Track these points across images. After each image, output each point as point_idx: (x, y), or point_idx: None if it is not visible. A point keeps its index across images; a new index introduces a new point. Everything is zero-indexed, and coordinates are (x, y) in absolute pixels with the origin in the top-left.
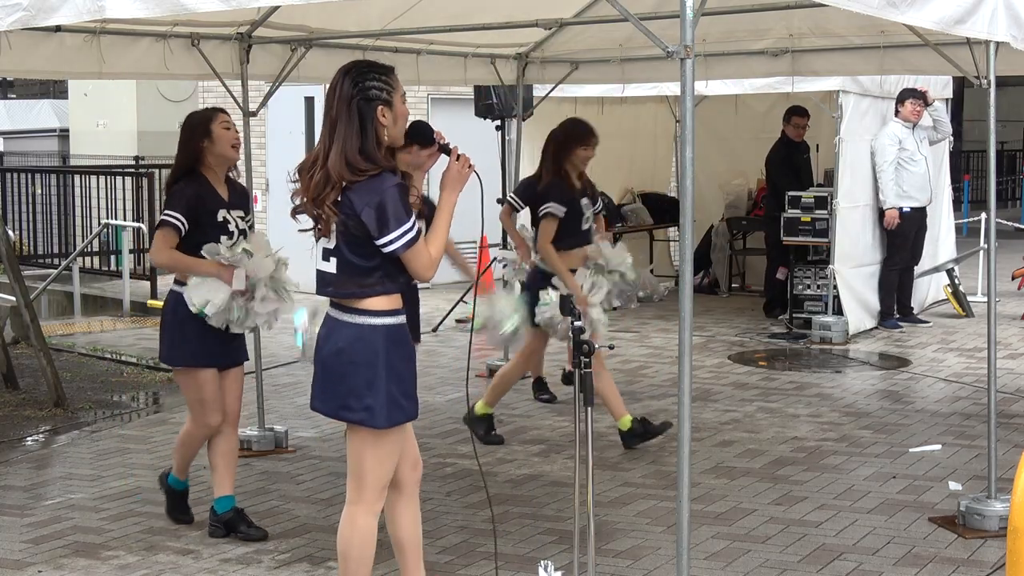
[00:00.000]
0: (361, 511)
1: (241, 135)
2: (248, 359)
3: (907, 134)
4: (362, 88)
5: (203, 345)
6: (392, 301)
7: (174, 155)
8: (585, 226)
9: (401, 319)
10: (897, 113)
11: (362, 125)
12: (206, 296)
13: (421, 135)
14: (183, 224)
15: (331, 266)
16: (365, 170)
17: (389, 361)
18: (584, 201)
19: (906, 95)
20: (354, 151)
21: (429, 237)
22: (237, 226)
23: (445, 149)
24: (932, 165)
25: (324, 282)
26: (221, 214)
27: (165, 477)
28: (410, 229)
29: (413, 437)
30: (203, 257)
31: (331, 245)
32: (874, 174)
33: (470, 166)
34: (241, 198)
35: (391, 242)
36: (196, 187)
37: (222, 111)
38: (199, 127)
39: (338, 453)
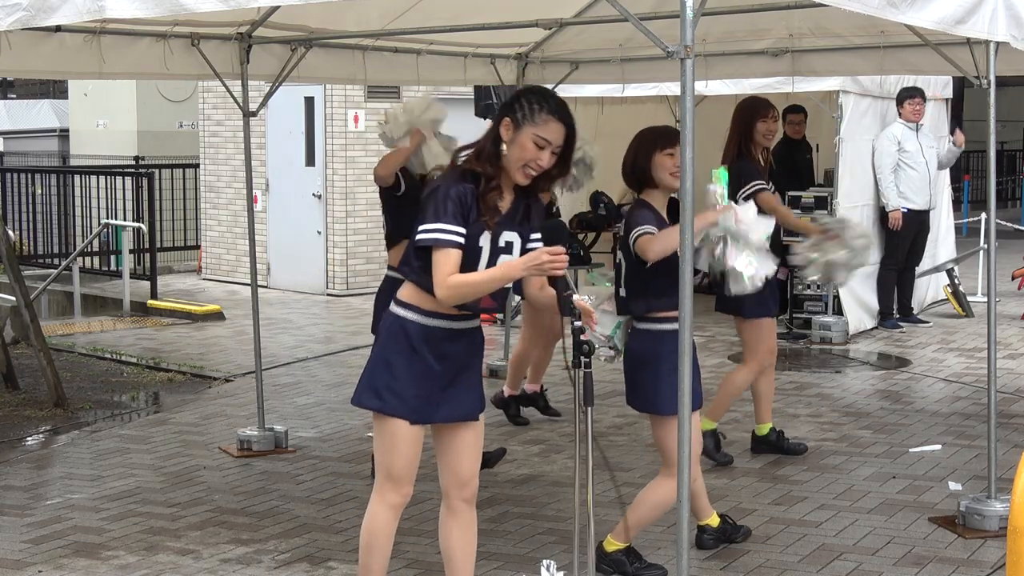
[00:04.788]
0: (375, 499)
1: (242, 135)
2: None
3: (909, 135)
4: (510, 101)
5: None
6: (421, 297)
7: (174, 155)
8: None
9: (424, 319)
10: (899, 114)
11: (491, 132)
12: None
13: (550, 235)
14: None
15: None
16: (456, 164)
17: (384, 349)
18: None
19: (903, 96)
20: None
21: (466, 275)
22: None
23: (566, 295)
24: (934, 168)
25: None
26: None
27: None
28: (433, 230)
29: (464, 456)
30: None
31: None
32: (874, 174)
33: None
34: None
35: (417, 232)
36: None
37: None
38: None
39: (338, 453)
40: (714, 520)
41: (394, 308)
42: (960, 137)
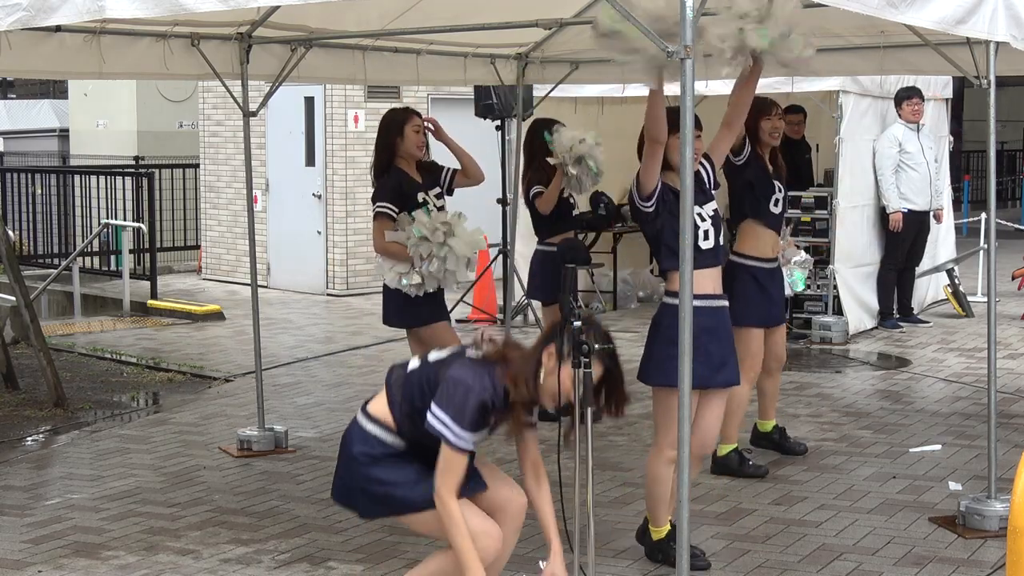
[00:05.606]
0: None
1: (242, 135)
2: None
3: (910, 136)
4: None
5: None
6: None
7: (174, 155)
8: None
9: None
10: (899, 115)
11: (532, 355)
12: (396, 273)
13: (568, 252)
14: (394, 210)
15: None
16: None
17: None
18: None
19: (901, 96)
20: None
21: (459, 516)
22: (434, 203)
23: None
24: (934, 169)
25: None
26: (420, 196)
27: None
28: (457, 432)
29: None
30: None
31: None
32: (875, 175)
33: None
34: (433, 176)
35: (433, 417)
36: (397, 177)
37: (415, 114)
38: (393, 126)
39: (337, 453)
40: (664, 531)
41: (367, 424)
42: (941, 217)
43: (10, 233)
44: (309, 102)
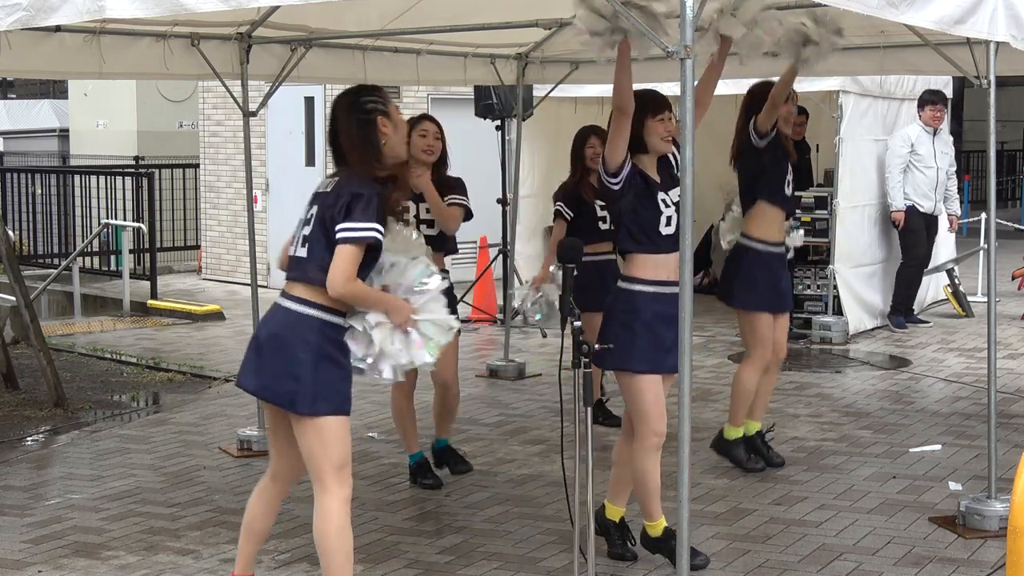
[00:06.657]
0: (329, 499)
1: (242, 135)
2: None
3: (924, 138)
4: (363, 102)
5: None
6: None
7: (174, 155)
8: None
9: (339, 319)
10: (919, 116)
11: (370, 136)
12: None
13: (567, 252)
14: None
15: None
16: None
17: (322, 351)
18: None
19: (925, 99)
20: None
21: (360, 286)
22: (417, 215)
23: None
24: (943, 175)
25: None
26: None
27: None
28: (368, 228)
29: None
30: None
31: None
32: (884, 172)
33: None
34: (451, 191)
35: (347, 229)
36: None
37: (427, 119)
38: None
39: None
40: (660, 526)
41: (313, 312)
42: (955, 224)
43: (10, 233)
44: (309, 102)
